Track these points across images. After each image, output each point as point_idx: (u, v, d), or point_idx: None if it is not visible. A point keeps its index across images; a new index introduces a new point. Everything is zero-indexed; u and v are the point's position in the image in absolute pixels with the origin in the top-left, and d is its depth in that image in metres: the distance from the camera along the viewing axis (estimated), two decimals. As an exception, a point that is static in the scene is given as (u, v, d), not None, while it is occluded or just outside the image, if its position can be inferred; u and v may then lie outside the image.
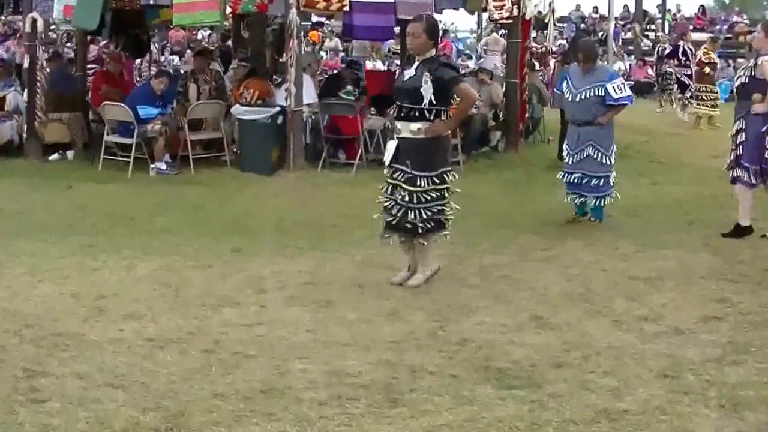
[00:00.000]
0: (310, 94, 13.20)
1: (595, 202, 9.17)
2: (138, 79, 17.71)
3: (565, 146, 9.37)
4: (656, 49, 23.76)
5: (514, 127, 13.87)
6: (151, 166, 12.25)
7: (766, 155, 8.37)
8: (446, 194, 7.00)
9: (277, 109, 12.14)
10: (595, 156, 9.03)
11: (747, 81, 8.50)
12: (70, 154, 13.43)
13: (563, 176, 9.28)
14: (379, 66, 26.49)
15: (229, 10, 12.42)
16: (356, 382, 4.98)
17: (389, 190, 7.02)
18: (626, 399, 4.78)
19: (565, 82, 9.43)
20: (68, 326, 5.91)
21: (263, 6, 12.20)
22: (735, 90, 9.05)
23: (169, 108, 12.97)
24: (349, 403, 4.70)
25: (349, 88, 13.71)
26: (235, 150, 12.91)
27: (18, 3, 15.03)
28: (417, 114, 6.77)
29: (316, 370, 5.16)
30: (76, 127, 13.70)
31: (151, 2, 13.09)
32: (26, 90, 13.13)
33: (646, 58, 27.72)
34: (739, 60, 27.92)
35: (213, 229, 8.92)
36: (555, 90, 10.78)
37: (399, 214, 6.92)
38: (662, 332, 5.89)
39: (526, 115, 14.28)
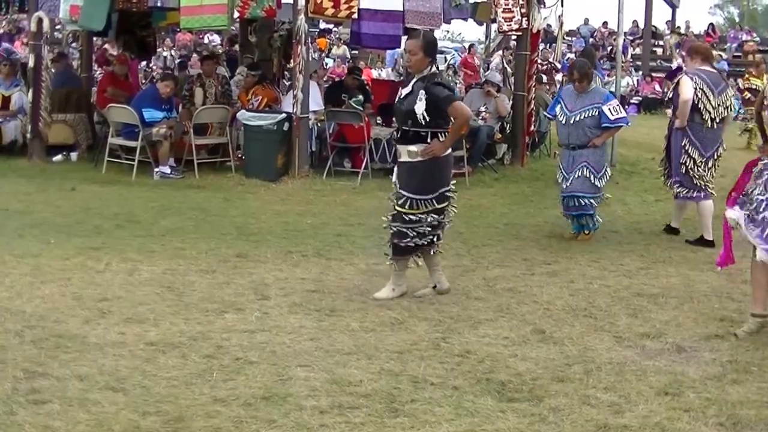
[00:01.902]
0: (316, 101, 13.23)
1: (585, 220, 9.17)
2: (143, 81, 17.75)
3: (558, 171, 9.25)
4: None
5: (520, 140, 13.87)
6: (155, 169, 12.26)
7: (687, 171, 9.16)
8: (444, 213, 6.97)
9: (283, 115, 12.17)
10: (588, 176, 8.96)
11: (671, 96, 9.47)
12: (73, 155, 13.48)
13: (561, 199, 9.22)
14: (384, 75, 26.58)
15: (236, 14, 12.44)
16: (358, 391, 4.97)
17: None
18: (626, 415, 4.77)
19: (558, 105, 9.24)
20: (70, 328, 5.90)
21: (271, 11, 12.24)
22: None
23: (175, 111, 12.98)
24: (350, 411, 4.69)
25: (360, 97, 13.77)
26: (240, 155, 12.93)
27: (24, 1, 15.07)
28: (414, 135, 6.76)
29: (317, 377, 5.16)
30: (80, 128, 13.75)
31: (159, 4, 13.10)
32: (31, 90, 13.15)
33: (653, 74, 27.76)
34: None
35: (217, 234, 8.92)
36: (546, 114, 10.66)
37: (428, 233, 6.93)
38: (664, 349, 5.88)
39: (532, 128, 14.28)
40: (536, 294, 7.14)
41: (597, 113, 8.89)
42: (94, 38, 17.40)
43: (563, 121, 9.09)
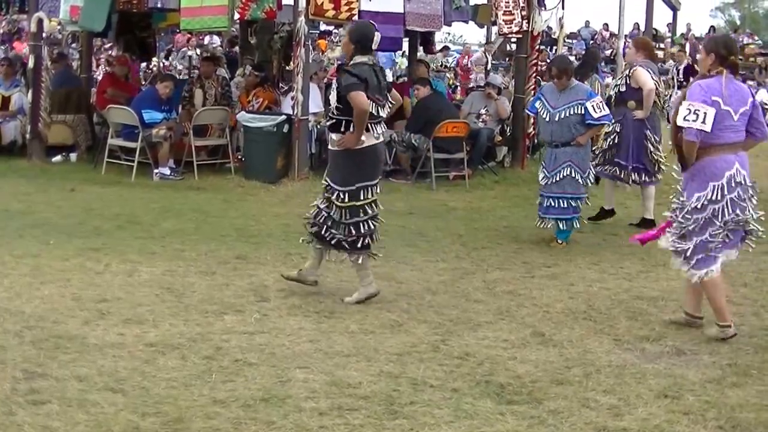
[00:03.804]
0: (316, 102, 13.22)
1: (562, 224, 9.00)
2: (143, 83, 17.74)
3: (541, 169, 9.13)
4: (674, 67, 23.81)
5: (520, 143, 13.86)
6: (155, 171, 12.26)
7: (649, 155, 9.71)
8: (365, 211, 6.75)
9: (283, 117, 12.15)
10: (573, 176, 8.84)
11: (624, 89, 9.68)
12: (73, 156, 13.46)
13: (541, 200, 9.03)
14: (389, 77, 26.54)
15: (237, 15, 12.43)
16: (357, 393, 4.97)
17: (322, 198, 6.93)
18: (626, 418, 4.78)
19: (539, 101, 9.14)
20: (69, 329, 5.90)
21: (271, 13, 12.23)
22: (612, 98, 9.88)
23: (174, 113, 12.98)
24: (349, 413, 4.70)
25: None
26: (240, 157, 12.93)
27: (24, 2, 15.07)
28: (333, 123, 6.71)
29: (317, 379, 5.16)
30: (80, 129, 13.74)
31: (159, 5, 13.10)
32: (30, 90, 13.15)
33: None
34: (749, 82, 27.98)
35: (217, 236, 8.92)
36: (527, 111, 10.62)
37: (321, 222, 6.86)
38: (664, 352, 5.88)
39: (529, 131, 14.26)
40: (536, 297, 7.14)
41: (581, 110, 8.76)
42: (94, 39, 17.41)
43: (547, 118, 8.94)
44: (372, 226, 6.84)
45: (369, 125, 6.61)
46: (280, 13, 12.67)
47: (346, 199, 6.68)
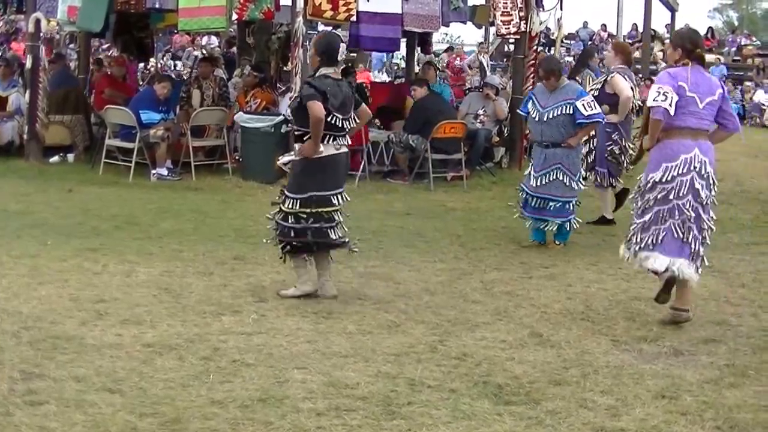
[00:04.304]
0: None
1: (559, 226, 8.91)
2: (141, 83, 17.74)
3: (530, 168, 9.05)
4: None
5: (518, 144, 13.87)
6: (152, 171, 12.26)
7: (615, 159, 9.88)
8: (317, 219, 6.80)
9: (281, 117, 12.14)
10: (563, 179, 8.75)
11: (597, 94, 9.65)
12: (70, 156, 13.46)
13: (524, 198, 8.94)
14: (384, 77, 26.56)
15: (234, 16, 12.43)
16: (355, 394, 4.97)
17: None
18: (623, 418, 4.77)
19: (530, 101, 9.06)
20: (67, 329, 5.90)
21: (269, 13, 12.24)
22: None
23: (172, 113, 12.97)
24: (346, 414, 4.69)
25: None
26: (237, 157, 12.92)
27: (21, 2, 15.06)
28: (298, 135, 6.86)
29: (314, 380, 5.15)
30: (77, 129, 13.73)
31: (157, 6, 13.09)
32: (28, 91, 13.14)
33: (653, 78, 27.71)
34: (747, 83, 27.99)
35: (214, 236, 8.91)
36: (519, 111, 10.64)
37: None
38: (661, 353, 5.88)
39: (527, 132, 14.25)
40: (534, 297, 7.14)
41: (571, 109, 8.67)
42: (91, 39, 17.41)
43: (536, 118, 8.87)
44: (321, 234, 6.84)
45: (330, 136, 6.74)
46: (278, 13, 12.70)
47: (297, 207, 6.77)
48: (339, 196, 6.88)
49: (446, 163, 12.97)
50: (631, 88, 9.85)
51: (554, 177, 8.76)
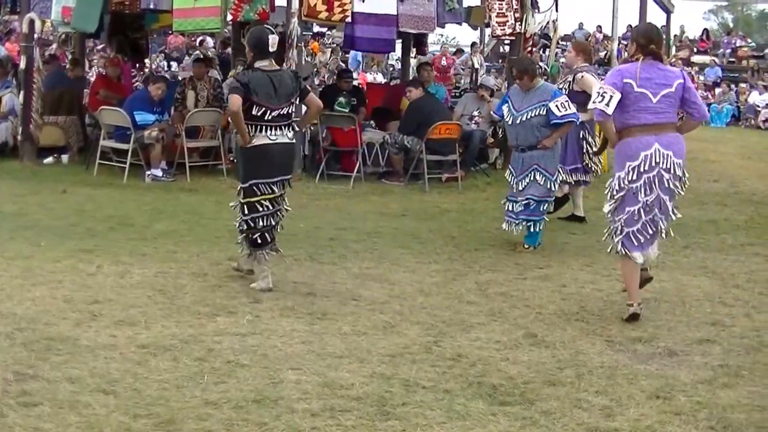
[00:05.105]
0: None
1: (531, 227, 8.84)
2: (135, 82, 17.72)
3: (508, 172, 8.98)
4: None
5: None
6: (147, 172, 12.24)
7: (586, 156, 9.90)
8: (260, 207, 7.11)
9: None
10: (540, 181, 8.68)
11: (566, 93, 9.47)
12: (64, 157, 13.43)
13: (507, 205, 8.89)
14: (380, 79, 26.57)
15: (229, 17, 12.42)
16: (349, 394, 4.97)
17: None
18: (618, 418, 4.78)
19: (505, 104, 8.97)
20: (61, 330, 5.89)
21: (264, 14, 12.22)
22: None
23: (167, 114, 12.96)
24: (341, 414, 4.69)
25: (342, 99, 13.69)
26: (232, 158, 12.90)
27: (15, 2, 15.03)
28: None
29: (309, 381, 5.15)
30: (71, 130, 13.71)
31: (151, 6, 13.08)
32: (22, 92, 13.11)
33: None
34: (741, 84, 28.04)
35: (209, 237, 8.91)
36: (494, 113, 10.54)
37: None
38: (656, 353, 5.89)
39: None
40: (528, 298, 7.14)
41: (545, 111, 8.58)
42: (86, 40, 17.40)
43: (510, 122, 8.79)
44: (268, 223, 7.15)
45: (258, 126, 6.95)
46: (273, 14, 12.66)
47: (242, 196, 7.12)
48: (277, 185, 7.11)
49: (441, 164, 12.97)
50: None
51: (533, 178, 8.71)
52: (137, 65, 17.91)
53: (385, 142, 12.89)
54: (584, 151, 9.94)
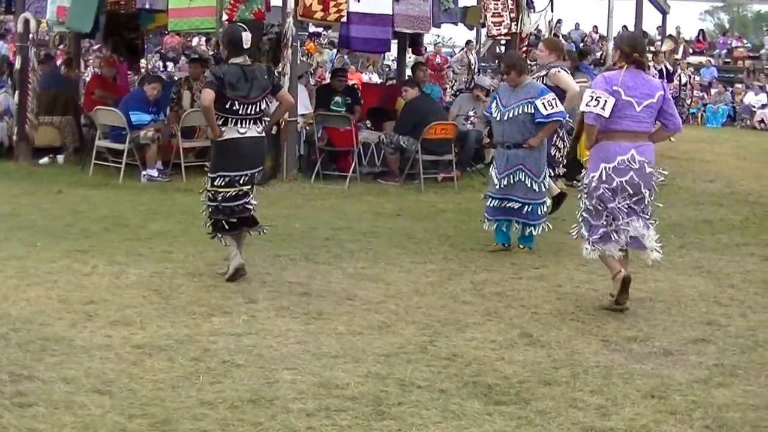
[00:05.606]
0: (304, 104, 13.20)
1: (526, 230, 8.77)
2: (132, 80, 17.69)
3: (492, 169, 8.89)
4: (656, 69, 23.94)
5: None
6: (143, 172, 12.23)
7: (556, 152, 9.73)
8: (224, 198, 7.34)
9: (273, 118, 12.13)
10: (525, 181, 8.56)
11: None
12: (60, 158, 13.42)
13: (488, 201, 8.82)
14: (375, 79, 26.55)
15: (225, 17, 12.41)
16: (344, 394, 4.97)
17: None
18: (613, 418, 4.79)
19: (494, 102, 8.89)
20: (56, 331, 5.88)
21: (260, 14, 12.22)
22: None
23: (162, 114, 12.95)
24: (336, 414, 4.70)
25: (338, 99, 13.69)
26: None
27: (10, 2, 15.00)
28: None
29: (304, 380, 5.15)
30: (67, 130, 13.69)
31: (147, 6, 13.07)
32: (17, 92, 13.09)
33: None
34: (737, 85, 28.07)
35: (204, 238, 8.84)
36: (484, 112, 10.44)
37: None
38: (651, 353, 5.90)
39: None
40: (524, 298, 7.14)
41: (531, 108, 8.47)
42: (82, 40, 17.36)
43: (497, 118, 8.68)
44: (232, 209, 7.39)
45: (230, 119, 7.19)
46: (269, 14, 12.66)
47: (209, 185, 7.35)
48: (243, 178, 7.33)
49: (437, 164, 12.98)
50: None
51: (516, 178, 8.60)
52: (133, 65, 17.89)
53: (381, 142, 12.89)
54: (556, 145, 9.72)
